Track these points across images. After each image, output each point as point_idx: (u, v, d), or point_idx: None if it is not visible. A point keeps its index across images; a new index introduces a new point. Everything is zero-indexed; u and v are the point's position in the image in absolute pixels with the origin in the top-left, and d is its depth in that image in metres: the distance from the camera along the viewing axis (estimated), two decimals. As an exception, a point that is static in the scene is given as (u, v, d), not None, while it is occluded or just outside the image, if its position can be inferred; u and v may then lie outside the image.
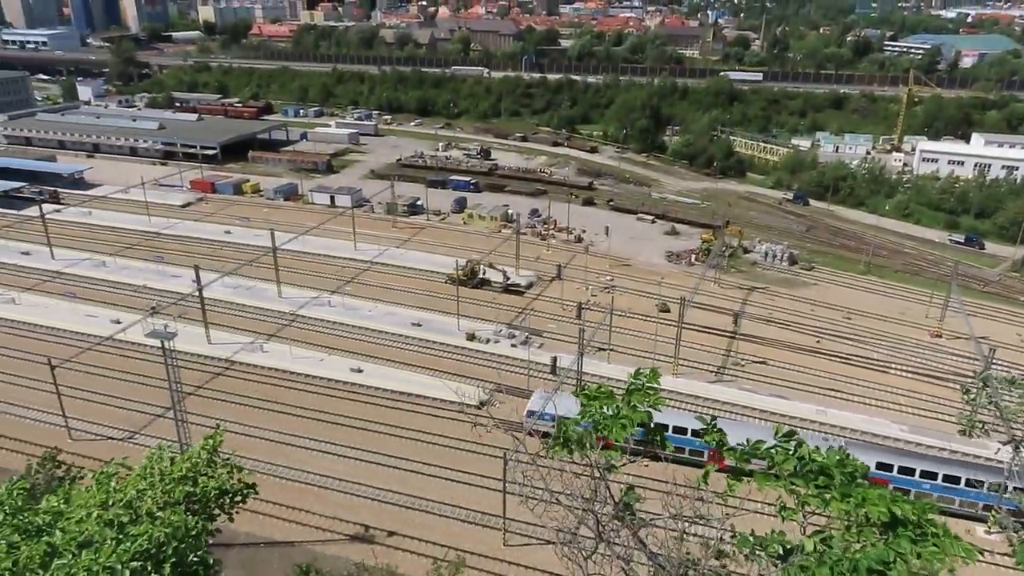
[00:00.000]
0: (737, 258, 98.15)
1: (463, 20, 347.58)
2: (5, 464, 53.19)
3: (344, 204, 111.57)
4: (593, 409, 9.32)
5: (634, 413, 9.06)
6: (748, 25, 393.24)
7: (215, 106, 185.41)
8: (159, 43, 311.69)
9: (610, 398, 9.42)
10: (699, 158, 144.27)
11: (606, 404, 9.34)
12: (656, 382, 9.54)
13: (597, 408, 9.38)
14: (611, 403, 9.37)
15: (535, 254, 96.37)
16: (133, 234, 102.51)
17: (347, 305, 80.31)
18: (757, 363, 70.78)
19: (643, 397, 9.43)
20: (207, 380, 65.98)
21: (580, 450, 9.56)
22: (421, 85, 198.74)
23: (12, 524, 8.80)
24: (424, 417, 61.07)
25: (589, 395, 9.47)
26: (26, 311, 78.28)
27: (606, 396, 9.46)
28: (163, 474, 10.94)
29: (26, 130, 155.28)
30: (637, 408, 9.12)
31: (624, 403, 9.22)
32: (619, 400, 9.40)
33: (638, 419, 9.05)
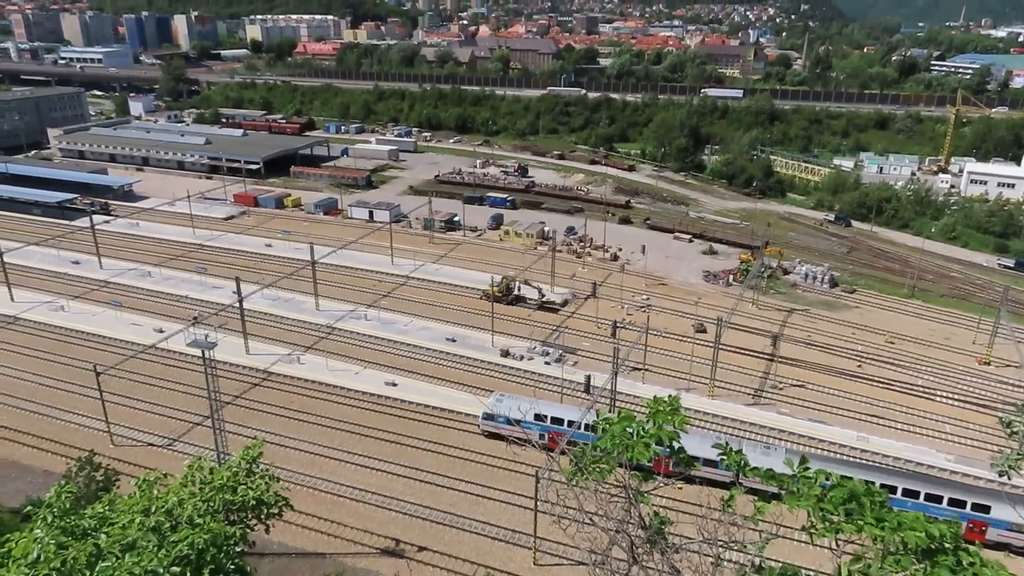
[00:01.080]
0: (776, 279, 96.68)
1: (503, 39, 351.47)
2: (50, 467, 54.72)
3: (382, 219, 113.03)
4: (615, 431, 9.29)
5: (660, 431, 9.02)
6: (790, 44, 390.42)
7: (259, 122, 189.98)
8: (208, 61, 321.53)
9: (631, 420, 9.40)
10: (738, 177, 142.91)
11: (627, 425, 9.31)
12: (677, 406, 9.48)
13: (619, 429, 9.35)
14: (633, 425, 9.34)
15: (570, 272, 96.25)
16: (178, 245, 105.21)
17: (383, 319, 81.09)
18: (796, 387, 69.40)
19: (666, 417, 9.38)
20: (245, 390, 67.09)
21: (598, 475, 9.51)
22: (461, 103, 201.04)
23: (60, 526, 9.13)
24: (457, 432, 61.14)
25: (610, 420, 9.45)
26: (74, 318, 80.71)
27: (626, 418, 9.45)
28: (203, 483, 11.19)
29: (80, 144, 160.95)
30: (662, 427, 9.07)
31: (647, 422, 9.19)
32: (642, 422, 9.37)
33: (663, 437, 9.00)
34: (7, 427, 60.84)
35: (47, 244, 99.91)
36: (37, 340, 76.41)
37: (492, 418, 59.32)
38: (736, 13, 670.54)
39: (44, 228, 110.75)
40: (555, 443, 55.53)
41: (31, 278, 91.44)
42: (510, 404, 59.14)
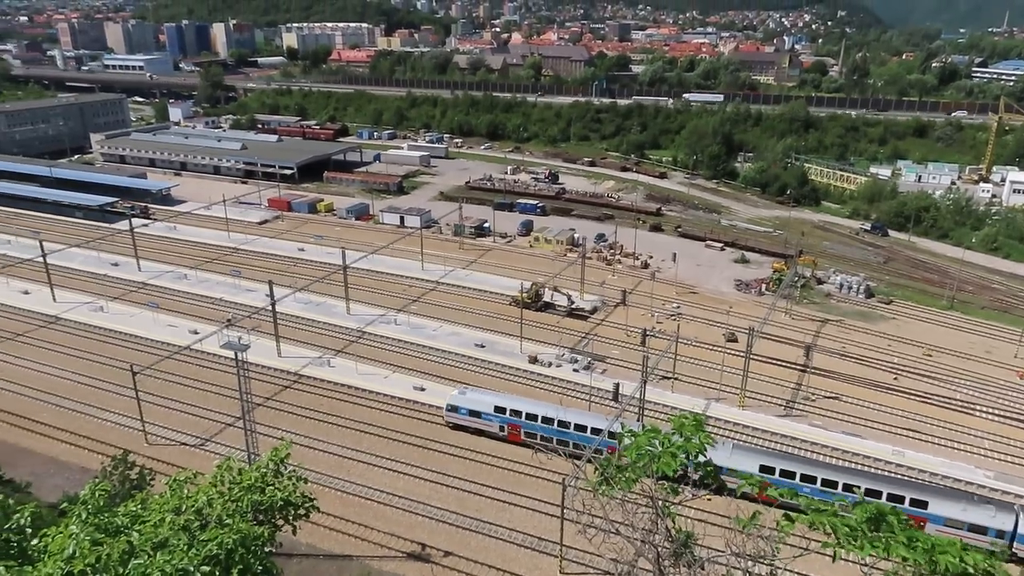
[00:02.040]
0: (810, 289, 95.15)
1: (535, 46, 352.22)
2: (87, 464, 55.96)
3: (413, 225, 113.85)
4: (641, 443, 9.23)
5: (687, 443, 8.94)
6: (826, 51, 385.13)
7: (294, 128, 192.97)
8: (245, 68, 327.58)
9: (656, 433, 9.36)
10: (772, 185, 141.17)
11: (653, 438, 9.26)
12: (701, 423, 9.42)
13: (645, 442, 9.29)
14: (658, 437, 9.29)
15: (600, 279, 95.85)
16: (213, 249, 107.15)
17: (412, 324, 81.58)
18: (829, 398, 68.14)
19: (692, 430, 9.31)
20: (276, 392, 67.95)
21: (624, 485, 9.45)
22: (492, 109, 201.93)
23: (94, 523, 9.35)
24: (484, 439, 61.13)
25: (637, 434, 9.41)
26: (112, 319, 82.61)
27: (652, 431, 9.41)
28: (232, 483, 11.35)
29: (121, 148, 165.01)
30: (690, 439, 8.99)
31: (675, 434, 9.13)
32: (667, 435, 9.33)
33: (690, 449, 8.92)
34: (47, 424, 62.42)
35: (88, 246, 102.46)
36: (77, 340, 78.35)
37: (455, 410, 61.97)
38: (771, 20, 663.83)
39: (86, 230, 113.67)
40: (514, 434, 60.06)
41: (72, 279, 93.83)
42: (472, 397, 62.42)
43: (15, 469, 52.59)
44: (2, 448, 58.16)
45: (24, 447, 59.22)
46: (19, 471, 52.47)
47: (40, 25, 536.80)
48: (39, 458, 57.70)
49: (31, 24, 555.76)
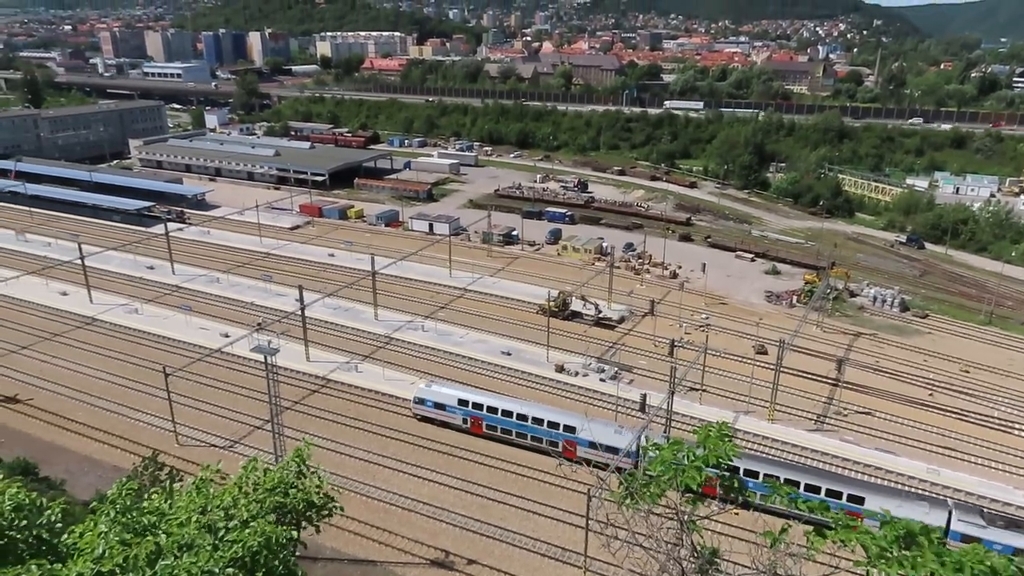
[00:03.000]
0: (843, 301, 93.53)
1: (566, 55, 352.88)
2: (119, 463, 56.97)
3: (442, 232, 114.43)
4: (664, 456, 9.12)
5: (711, 454, 8.81)
6: (861, 61, 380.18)
7: (326, 135, 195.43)
8: (280, 76, 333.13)
9: (680, 445, 9.25)
10: (804, 196, 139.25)
11: (678, 451, 9.15)
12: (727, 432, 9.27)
13: (669, 455, 9.18)
14: (682, 450, 9.17)
15: (628, 288, 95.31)
16: (245, 253, 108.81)
17: (439, 330, 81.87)
18: (861, 414, 66.79)
19: (717, 442, 9.17)
20: (304, 396, 68.62)
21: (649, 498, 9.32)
22: (522, 118, 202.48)
23: (122, 522, 9.49)
24: (509, 447, 61.03)
25: (660, 447, 9.30)
26: (147, 321, 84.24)
27: (676, 444, 9.31)
28: (256, 484, 11.45)
29: (158, 154, 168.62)
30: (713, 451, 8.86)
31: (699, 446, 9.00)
32: (692, 447, 9.22)
33: (713, 460, 8.78)
34: (82, 423, 63.75)
35: (125, 249, 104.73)
36: (112, 341, 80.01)
37: (422, 402, 64.49)
38: (805, 29, 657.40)
39: (123, 234, 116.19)
40: (476, 427, 62.30)
41: (109, 281, 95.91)
42: (437, 390, 64.87)
43: (51, 466, 53.88)
44: (39, 446, 59.52)
45: (60, 445, 60.55)
46: (55, 468, 53.73)
47: (83, 34, 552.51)
48: (74, 456, 58.93)
49: (75, 33, 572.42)
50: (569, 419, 59.62)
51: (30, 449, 57.34)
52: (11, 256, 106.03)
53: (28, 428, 63.11)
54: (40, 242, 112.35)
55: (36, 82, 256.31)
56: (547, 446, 59.25)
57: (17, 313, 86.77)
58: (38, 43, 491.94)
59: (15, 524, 10.00)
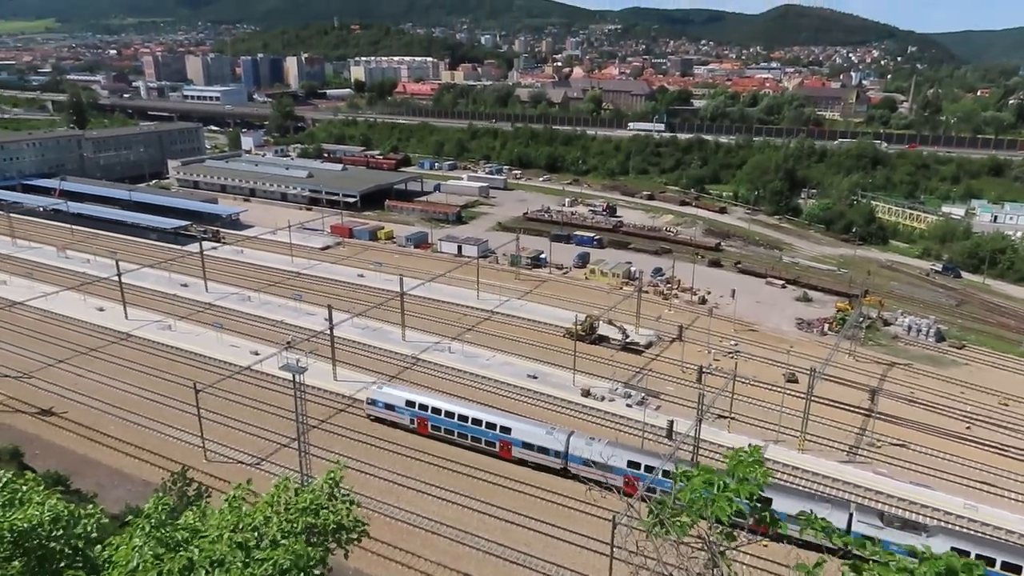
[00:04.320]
0: (876, 330, 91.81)
1: (596, 80, 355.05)
2: (148, 477, 57.70)
3: (470, 254, 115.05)
4: (696, 486, 8.96)
5: (741, 486, 8.62)
6: (895, 87, 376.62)
7: (358, 157, 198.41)
8: (315, 99, 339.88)
9: (711, 473, 9.07)
10: (837, 223, 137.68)
11: (708, 479, 8.97)
12: (758, 457, 9.07)
13: (698, 485, 9.01)
14: (713, 478, 8.99)
15: (656, 313, 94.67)
16: (277, 273, 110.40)
17: (466, 352, 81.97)
18: (895, 446, 65.17)
19: (748, 470, 8.97)
20: (331, 415, 69.01)
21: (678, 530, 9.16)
22: (552, 142, 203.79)
23: (156, 536, 9.67)
24: (533, 470, 60.57)
25: (689, 475, 9.14)
26: (179, 337, 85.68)
27: (707, 472, 9.12)
28: (288, 504, 11.56)
29: (195, 175, 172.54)
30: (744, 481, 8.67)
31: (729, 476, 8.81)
32: (722, 475, 9.02)
33: (745, 492, 8.60)
34: (114, 437, 64.79)
35: (160, 267, 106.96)
36: (145, 356, 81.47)
37: (374, 403, 67.47)
38: (838, 55, 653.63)
39: (159, 252, 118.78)
40: (423, 427, 65.02)
41: (144, 298, 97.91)
42: (388, 391, 67.98)
43: (83, 479, 54.76)
44: (72, 458, 60.58)
45: (92, 458, 61.55)
46: (86, 481, 54.58)
47: (127, 58, 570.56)
48: (105, 469, 59.84)
49: (119, 57, 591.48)
50: (505, 420, 62.94)
51: (63, 461, 58.40)
52: (52, 272, 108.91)
53: (62, 440, 64.32)
54: (80, 259, 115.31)
55: (81, 104, 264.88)
56: (485, 446, 62.57)
57: (55, 327, 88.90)
58: (84, 67, 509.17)
59: (53, 534, 10.24)
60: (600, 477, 56.81)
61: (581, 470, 58.29)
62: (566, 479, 58.64)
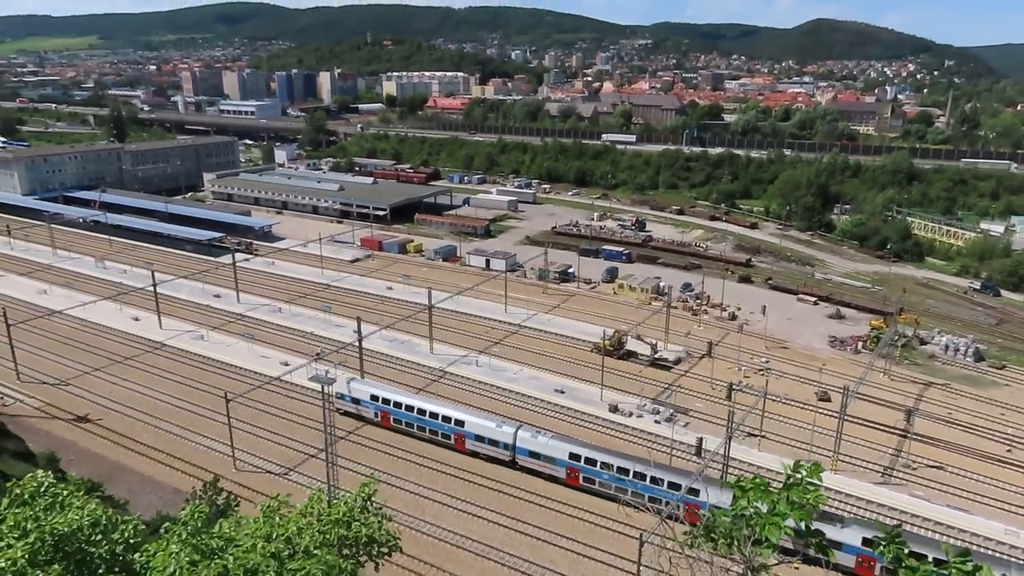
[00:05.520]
0: (912, 349, 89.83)
1: (626, 95, 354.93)
2: (179, 485, 58.48)
3: (498, 268, 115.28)
4: (746, 502, 8.75)
5: (793, 511, 8.41)
6: (931, 101, 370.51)
7: (389, 171, 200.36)
8: (347, 113, 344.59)
9: (765, 492, 8.82)
10: (871, 239, 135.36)
11: (760, 498, 8.73)
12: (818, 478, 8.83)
13: (750, 501, 8.80)
14: (766, 497, 8.75)
15: (685, 329, 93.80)
16: (307, 284, 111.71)
17: (493, 366, 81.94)
18: (932, 467, 63.53)
19: (802, 493, 8.74)
20: (358, 427, 69.37)
21: (727, 546, 8.97)
22: (581, 156, 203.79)
23: (192, 544, 9.81)
24: (560, 487, 60.18)
25: (743, 487, 8.90)
26: (211, 347, 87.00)
27: (761, 489, 8.86)
28: (321, 515, 11.64)
29: (230, 187, 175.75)
30: (796, 505, 8.46)
31: (782, 498, 8.58)
32: (775, 494, 8.76)
33: (797, 518, 8.39)
34: (147, 445, 65.87)
35: (194, 278, 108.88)
36: (178, 365, 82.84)
37: (342, 398, 70.17)
38: (872, 69, 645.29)
39: (193, 263, 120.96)
40: (385, 420, 67.96)
41: (178, 308, 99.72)
42: (355, 386, 70.72)
43: (115, 486, 55.66)
44: (106, 465, 61.68)
45: (125, 465, 62.60)
46: (118, 488, 55.47)
47: (167, 73, 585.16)
48: (137, 476, 60.80)
49: (159, 72, 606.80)
50: (459, 414, 65.89)
51: (97, 468, 59.48)
52: (90, 282, 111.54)
53: (96, 447, 65.55)
54: (117, 269, 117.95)
55: (122, 118, 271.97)
56: (441, 438, 65.59)
57: (92, 336, 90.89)
58: (125, 82, 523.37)
59: (92, 539, 10.43)
60: (544, 469, 60.88)
61: (527, 462, 61.81)
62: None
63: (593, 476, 58.93)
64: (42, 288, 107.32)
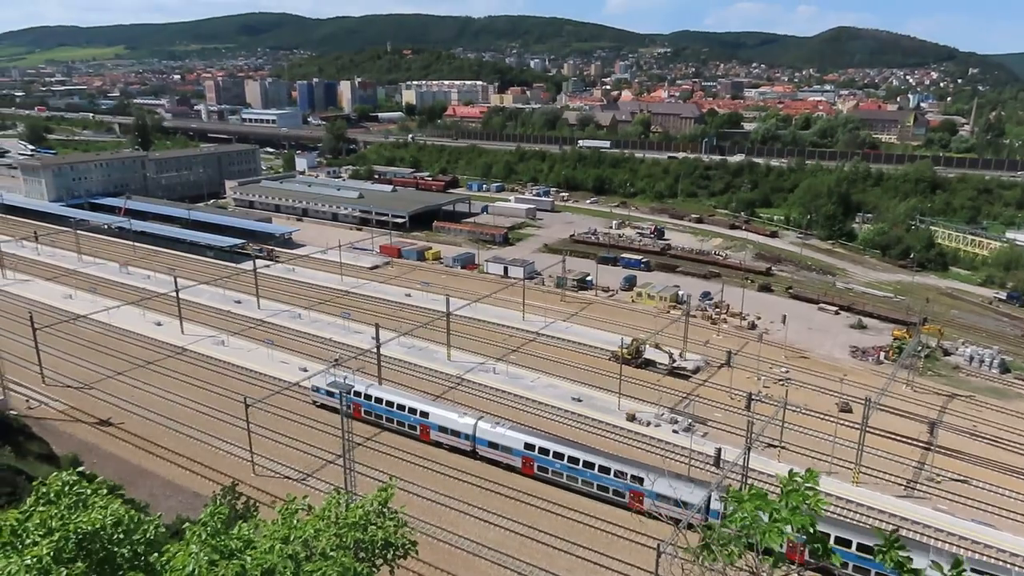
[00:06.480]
0: (935, 360, 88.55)
1: (645, 103, 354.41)
2: (199, 489, 59.02)
3: (516, 275, 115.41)
4: (745, 511, 8.71)
5: (793, 516, 8.34)
6: (955, 110, 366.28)
7: (408, 179, 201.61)
8: (367, 122, 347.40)
9: (763, 500, 8.78)
10: (893, 248, 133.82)
11: (760, 506, 8.69)
12: (815, 483, 8.77)
13: (750, 510, 8.75)
14: (765, 505, 8.70)
15: (704, 338, 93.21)
16: (326, 291, 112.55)
17: (510, 373, 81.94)
18: (956, 481, 62.47)
19: (801, 498, 8.68)
20: (375, 433, 69.63)
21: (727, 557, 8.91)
22: (599, 164, 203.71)
23: (211, 544, 9.96)
24: (576, 495, 59.96)
25: (740, 498, 8.87)
26: (232, 353, 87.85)
27: (759, 497, 8.82)
28: (338, 518, 11.74)
29: (251, 195, 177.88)
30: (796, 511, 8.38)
31: (781, 505, 8.52)
32: (774, 502, 8.72)
33: (798, 523, 8.33)
34: (167, 448, 66.58)
35: (216, 284, 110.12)
36: (199, 370, 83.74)
37: (318, 390, 72.76)
38: (894, 77, 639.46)
39: (214, 269, 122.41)
40: (357, 412, 68.78)
41: (200, 313, 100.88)
42: (333, 380, 72.10)
43: (136, 489, 56.28)
44: (127, 468, 62.40)
45: (146, 468, 63.30)
46: (139, 491, 56.09)
47: (190, 83, 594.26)
48: (158, 480, 61.45)
49: (183, 82, 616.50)
50: (423, 406, 68.39)
51: (119, 471, 60.18)
52: (114, 287, 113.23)
53: (118, 450, 66.36)
54: (141, 274, 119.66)
55: (146, 127, 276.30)
56: (408, 429, 68.10)
57: (116, 341, 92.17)
58: (150, 91, 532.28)
59: (115, 538, 10.63)
60: (502, 458, 63.20)
61: (487, 452, 64.12)
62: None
63: (546, 465, 61.18)
64: (67, 293, 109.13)
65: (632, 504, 57.16)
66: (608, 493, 58.53)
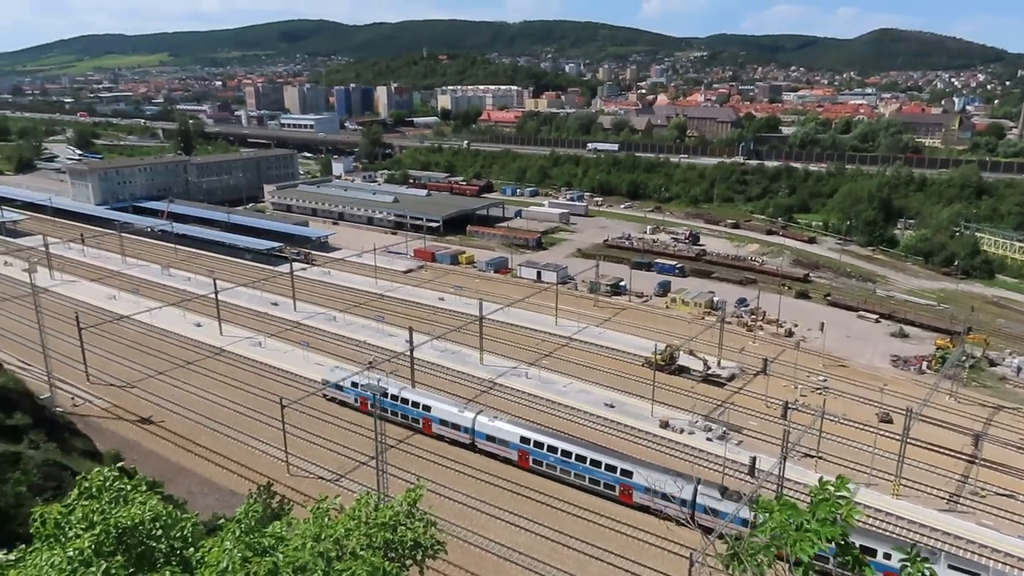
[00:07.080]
0: (980, 370, 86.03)
1: (681, 107, 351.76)
2: (235, 487, 60.07)
3: (549, 280, 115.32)
4: (775, 522, 8.53)
5: (824, 528, 8.14)
6: (1003, 113, 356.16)
7: (442, 183, 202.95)
8: (402, 127, 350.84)
9: (794, 510, 8.59)
10: (937, 255, 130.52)
11: (790, 516, 8.51)
12: (846, 492, 8.55)
13: (780, 521, 8.58)
14: (795, 516, 8.51)
15: (739, 345, 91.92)
16: (361, 294, 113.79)
17: (543, 378, 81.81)
18: (1002, 496, 60.55)
19: (832, 508, 8.47)
20: (408, 435, 70.10)
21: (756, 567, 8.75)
22: (634, 169, 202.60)
23: (245, 541, 10.19)
24: (610, 503, 59.56)
25: (769, 508, 8.69)
26: (268, 354, 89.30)
27: (789, 508, 8.64)
28: (368, 518, 11.89)
29: (288, 199, 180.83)
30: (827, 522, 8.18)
31: (811, 516, 8.33)
32: (804, 512, 8.54)
33: (828, 534, 8.13)
34: (205, 447, 67.92)
35: (254, 286, 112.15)
36: (236, 371, 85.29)
37: (327, 384, 74.86)
38: (939, 80, 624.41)
39: (252, 271, 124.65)
40: (364, 405, 70.09)
41: (238, 315, 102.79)
42: (340, 374, 74.62)
43: (175, 486, 57.44)
44: (167, 465, 63.79)
45: (184, 466, 64.65)
46: (178, 488, 57.24)
47: (231, 89, 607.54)
48: (196, 478, 62.69)
49: (224, 88, 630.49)
50: (426, 400, 69.96)
51: (159, 468, 61.48)
52: (156, 288, 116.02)
53: (158, 448, 67.91)
54: (181, 277, 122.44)
55: (189, 132, 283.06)
56: (411, 423, 69.83)
57: (157, 341, 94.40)
58: (192, 97, 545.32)
59: (153, 533, 10.93)
60: (499, 452, 64.42)
61: (485, 445, 65.34)
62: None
63: (541, 458, 62.37)
64: (111, 294, 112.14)
65: (623, 497, 58.22)
66: (599, 486, 59.55)
